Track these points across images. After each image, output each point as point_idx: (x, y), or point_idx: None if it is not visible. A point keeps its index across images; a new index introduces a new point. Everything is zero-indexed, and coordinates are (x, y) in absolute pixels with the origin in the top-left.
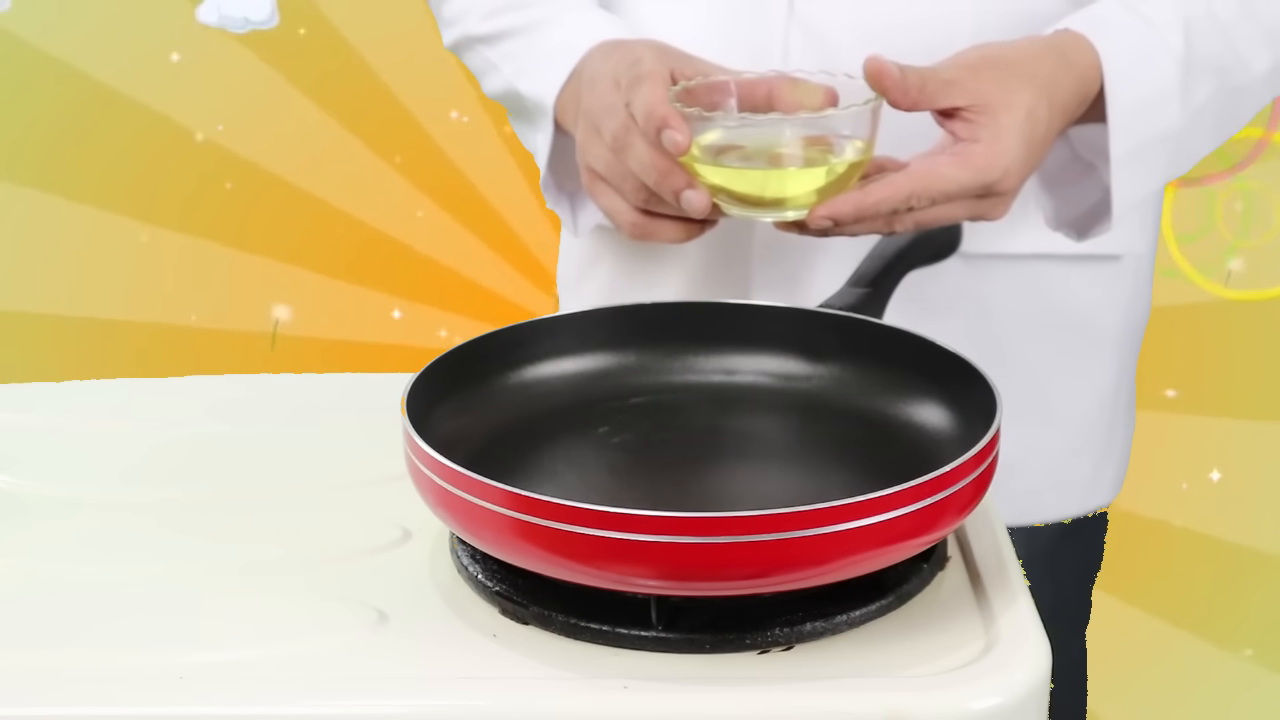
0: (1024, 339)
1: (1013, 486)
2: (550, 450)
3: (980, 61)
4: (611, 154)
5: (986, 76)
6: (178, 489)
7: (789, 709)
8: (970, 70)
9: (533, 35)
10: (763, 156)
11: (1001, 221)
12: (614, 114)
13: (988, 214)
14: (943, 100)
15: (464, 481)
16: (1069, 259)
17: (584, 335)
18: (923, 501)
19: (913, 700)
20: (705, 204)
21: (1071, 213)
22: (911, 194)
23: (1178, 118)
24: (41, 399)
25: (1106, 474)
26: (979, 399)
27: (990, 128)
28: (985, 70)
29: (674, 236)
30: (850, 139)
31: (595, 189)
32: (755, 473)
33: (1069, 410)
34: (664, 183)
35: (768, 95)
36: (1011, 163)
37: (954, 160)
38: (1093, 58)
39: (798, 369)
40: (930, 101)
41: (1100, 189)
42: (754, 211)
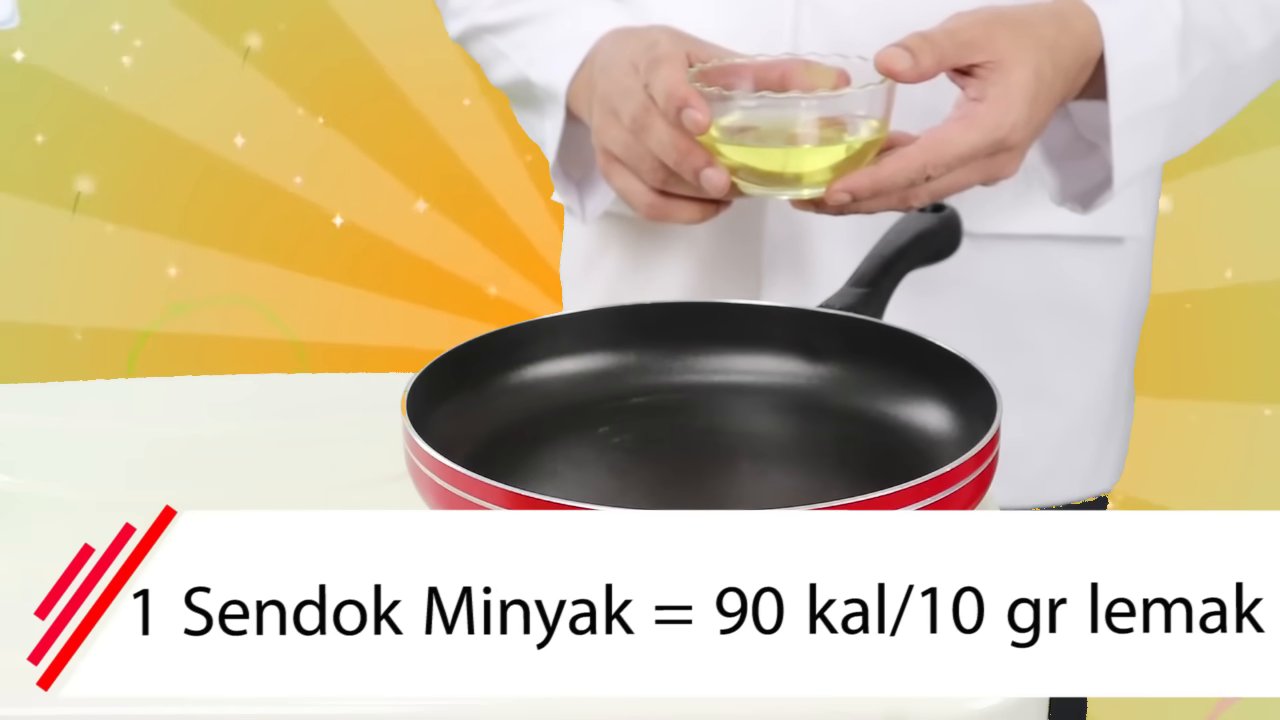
0: (1027, 322)
1: (1017, 471)
2: (550, 450)
3: (993, 18)
4: (630, 135)
5: (1000, 34)
6: (178, 489)
7: (789, 708)
8: (985, 26)
9: (543, 24)
10: (779, 136)
11: (1005, 200)
12: (632, 96)
13: (1001, 171)
14: (962, 60)
15: (464, 481)
16: (1072, 240)
17: (584, 335)
18: (923, 501)
19: (912, 700)
20: (725, 182)
21: (1076, 188)
22: (925, 164)
23: (1176, 86)
24: (41, 399)
25: (1108, 459)
26: (979, 399)
27: (999, 84)
28: (998, 27)
29: (690, 217)
30: (866, 118)
31: (611, 171)
32: (755, 473)
33: (1072, 394)
34: (684, 162)
35: (782, 78)
36: (1018, 117)
37: (961, 124)
38: (1093, 24)
39: (798, 369)
40: (950, 65)
41: (1104, 167)
42: (772, 189)
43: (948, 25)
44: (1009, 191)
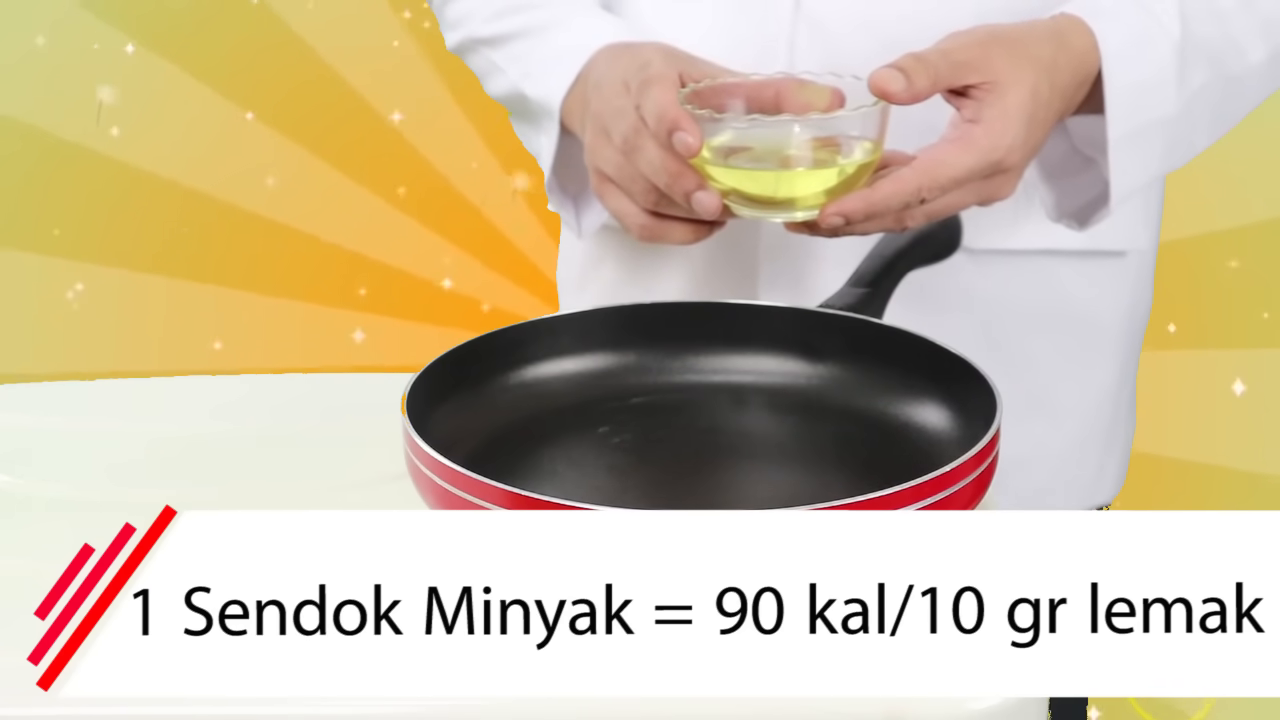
0: (1028, 336)
1: (1019, 483)
2: (550, 450)
3: (989, 38)
4: (621, 156)
5: (995, 54)
6: (178, 489)
7: (789, 708)
8: (982, 47)
9: (538, 38)
10: (772, 158)
11: (1005, 216)
12: (623, 116)
13: (997, 193)
14: (957, 81)
15: (464, 481)
16: (1073, 255)
17: (584, 335)
18: (923, 501)
19: (912, 700)
20: (716, 205)
21: (1072, 204)
22: (920, 187)
23: (1174, 103)
24: (41, 399)
25: (1108, 472)
26: (979, 399)
27: (995, 106)
28: (994, 47)
29: (683, 238)
30: (859, 140)
31: (604, 191)
32: (755, 473)
33: (1073, 407)
34: (675, 184)
35: (775, 97)
36: (1014, 139)
37: (957, 146)
38: (1091, 41)
39: (798, 369)
40: (945, 86)
41: (1100, 182)
42: (764, 212)
43: (942, 45)
44: (1010, 207)
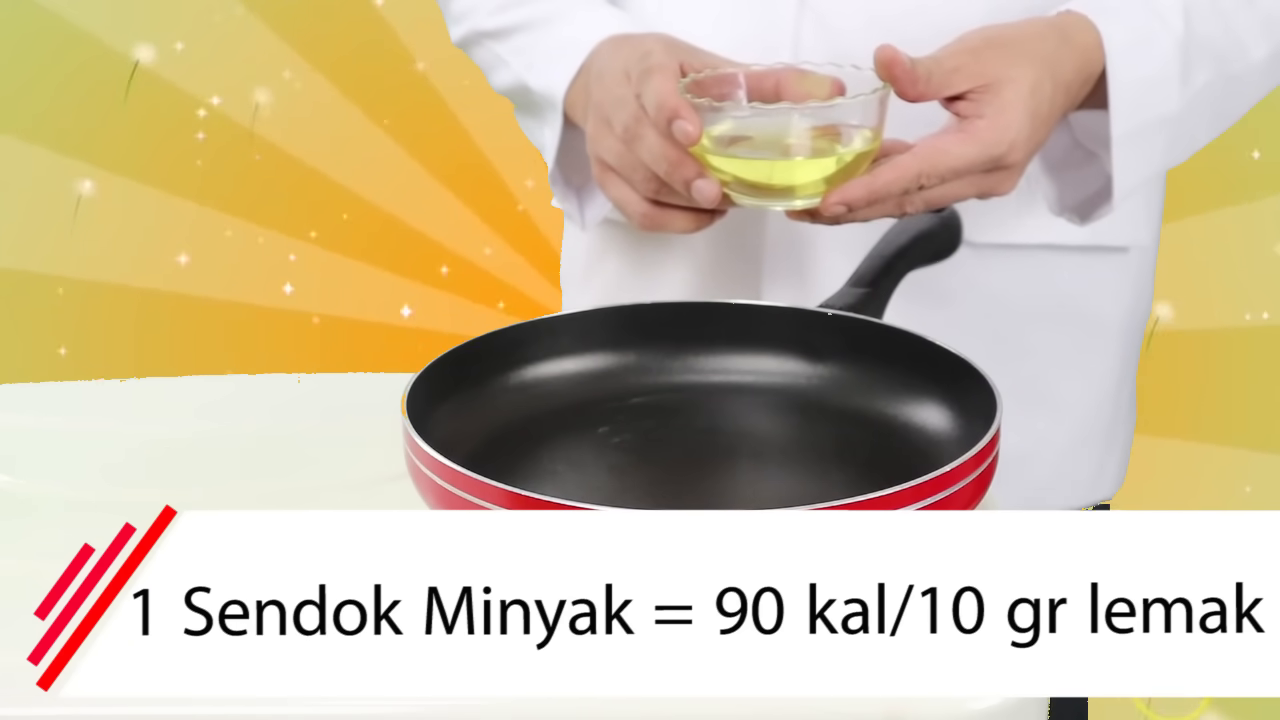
0: (1029, 331)
1: (1021, 478)
2: (550, 450)
3: (982, 44)
4: (622, 145)
5: (988, 58)
6: (178, 489)
7: (789, 708)
8: (973, 54)
9: (542, 30)
10: (772, 146)
11: (1008, 210)
12: (624, 106)
13: (997, 188)
14: (948, 89)
15: (464, 481)
16: (1075, 250)
17: (584, 335)
18: (923, 501)
19: (912, 700)
20: (716, 193)
21: (1074, 198)
22: (920, 173)
23: (1177, 100)
24: (41, 399)
25: (1109, 468)
26: (979, 399)
27: (994, 103)
28: (986, 52)
29: (684, 226)
30: (859, 128)
31: (605, 180)
32: (755, 473)
33: (1074, 403)
34: (675, 173)
35: (776, 86)
36: (1017, 135)
37: (959, 137)
38: (1094, 37)
39: (798, 369)
40: (937, 91)
41: (1102, 176)
42: (764, 201)
43: (935, 54)
44: (1012, 202)
